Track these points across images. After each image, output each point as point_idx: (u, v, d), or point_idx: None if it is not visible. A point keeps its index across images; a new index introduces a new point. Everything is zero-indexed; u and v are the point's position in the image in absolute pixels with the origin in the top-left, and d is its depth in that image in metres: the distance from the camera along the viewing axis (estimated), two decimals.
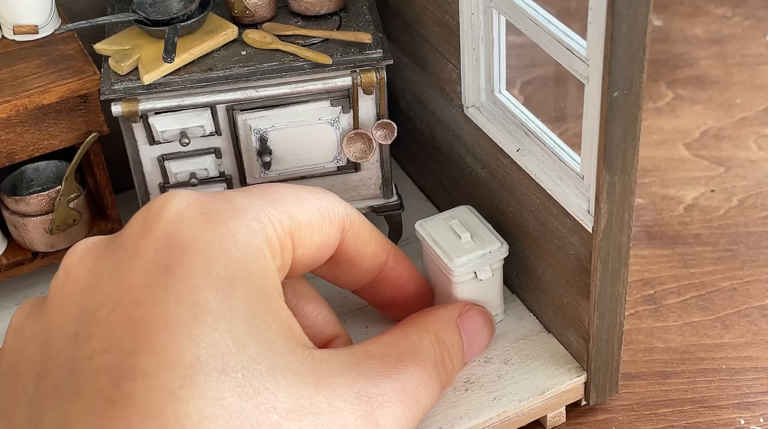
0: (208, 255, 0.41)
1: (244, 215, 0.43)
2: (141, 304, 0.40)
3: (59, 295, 0.42)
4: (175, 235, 0.42)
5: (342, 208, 0.48)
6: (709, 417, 0.56)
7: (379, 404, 0.44)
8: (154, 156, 0.57)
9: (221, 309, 0.40)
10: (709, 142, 0.76)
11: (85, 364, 0.39)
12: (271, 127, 0.57)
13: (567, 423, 0.56)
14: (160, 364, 0.38)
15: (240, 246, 0.42)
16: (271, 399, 0.40)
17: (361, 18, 0.58)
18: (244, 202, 0.44)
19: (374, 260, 0.51)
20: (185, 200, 0.43)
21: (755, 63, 0.84)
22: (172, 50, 0.54)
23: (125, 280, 0.41)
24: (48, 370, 0.40)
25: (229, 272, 0.41)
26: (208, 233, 0.42)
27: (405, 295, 0.54)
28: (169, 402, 0.37)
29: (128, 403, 0.37)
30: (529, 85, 0.80)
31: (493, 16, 0.52)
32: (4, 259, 0.61)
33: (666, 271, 0.66)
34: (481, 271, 0.55)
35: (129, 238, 0.42)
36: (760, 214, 0.70)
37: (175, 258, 0.41)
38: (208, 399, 0.38)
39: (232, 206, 0.43)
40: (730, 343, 0.61)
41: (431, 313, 0.51)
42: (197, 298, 0.40)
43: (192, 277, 0.40)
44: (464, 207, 0.58)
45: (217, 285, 0.40)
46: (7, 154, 0.57)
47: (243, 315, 0.40)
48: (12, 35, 0.59)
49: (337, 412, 0.42)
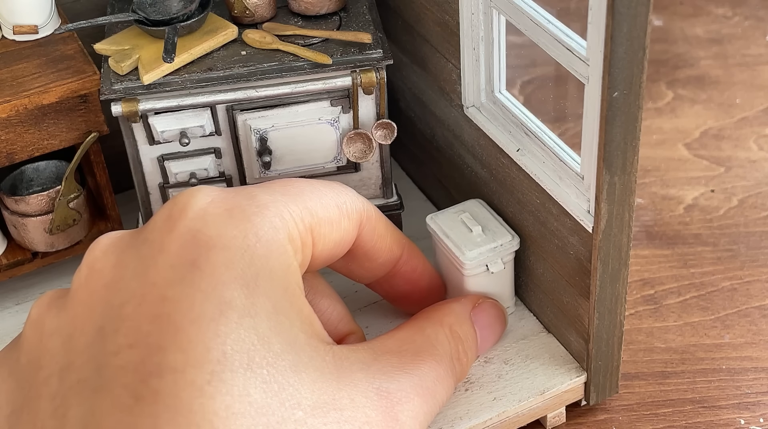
0: (232, 251, 0.41)
1: (267, 211, 0.43)
2: (167, 300, 0.40)
3: (83, 289, 0.42)
4: (200, 231, 0.42)
5: (359, 203, 0.48)
6: (709, 417, 0.56)
7: (398, 400, 0.44)
8: (154, 156, 0.57)
9: (246, 305, 0.40)
10: (709, 142, 0.76)
11: (112, 359, 0.39)
12: (271, 127, 0.57)
13: (567, 423, 0.56)
14: (187, 360, 0.38)
15: (263, 242, 0.42)
16: (296, 395, 0.40)
17: (361, 18, 0.58)
18: (266, 198, 0.44)
19: (389, 254, 0.51)
20: (209, 196, 0.44)
21: (755, 63, 0.84)
22: (171, 50, 0.54)
23: (150, 276, 0.41)
24: (73, 364, 0.40)
25: (253, 269, 0.41)
26: (232, 229, 0.42)
27: (418, 289, 0.54)
28: (197, 398, 0.38)
29: (156, 399, 0.38)
30: (529, 85, 0.80)
31: (493, 16, 0.52)
32: (4, 259, 0.61)
33: (666, 271, 0.66)
34: (493, 264, 0.55)
35: (154, 234, 0.43)
36: (760, 214, 0.70)
37: (200, 254, 0.41)
38: (235, 395, 0.38)
39: (255, 202, 0.43)
40: (730, 343, 0.61)
41: (445, 307, 0.52)
42: (222, 294, 0.40)
43: (217, 274, 0.40)
44: (475, 200, 0.58)
45: (242, 281, 0.41)
46: (7, 154, 0.57)
47: (267, 311, 0.41)
48: (12, 35, 0.59)
49: (359, 408, 0.42)
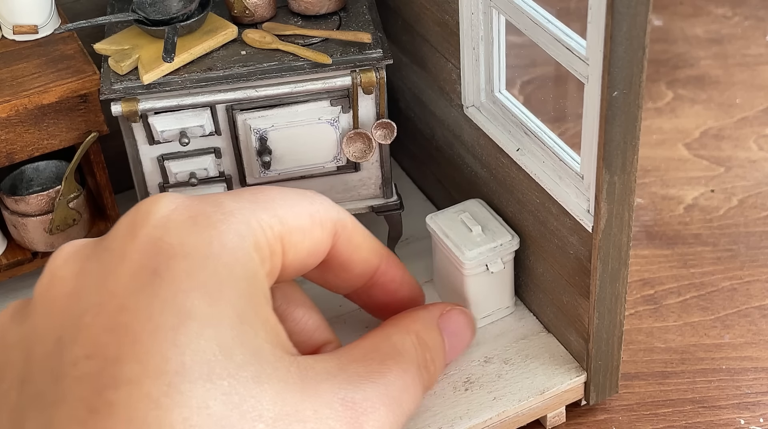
0: (195, 259, 0.40)
1: (233, 219, 0.42)
2: (126, 309, 0.39)
3: (43, 298, 0.41)
4: (162, 238, 0.41)
5: (334, 212, 0.47)
6: (709, 417, 0.56)
7: (364, 410, 0.43)
8: (153, 156, 0.57)
9: (207, 315, 0.39)
10: (709, 142, 0.76)
11: (69, 370, 0.38)
12: (271, 127, 0.57)
13: (567, 423, 0.56)
14: (143, 371, 0.37)
15: (228, 250, 0.41)
16: (257, 407, 0.39)
17: (361, 18, 0.58)
18: (233, 205, 0.43)
19: (366, 265, 0.50)
20: (173, 203, 0.43)
21: (755, 63, 0.84)
22: (171, 50, 0.54)
23: (110, 285, 0.40)
24: (31, 376, 0.39)
25: (217, 277, 0.40)
26: (195, 237, 0.41)
27: (398, 299, 0.53)
28: (152, 410, 0.37)
29: (111, 412, 0.37)
30: (529, 85, 0.80)
31: (492, 16, 0.52)
32: (3, 259, 0.61)
33: (666, 271, 0.66)
34: (493, 263, 0.55)
35: (115, 242, 0.42)
36: (760, 214, 0.70)
37: (162, 262, 0.40)
38: (193, 407, 0.37)
39: (221, 209, 0.42)
40: (730, 343, 0.61)
41: (413, 314, 0.51)
42: (183, 303, 0.39)
43: (178, 282, 0.39)
44: (474, 200, 0.58)
45: (204, 290, 0.40)
46: (7, 154, 0.57)
47: (230, 321, 0.40)
48: (12, 35, 0.59)
49: (323, 420, 0.41)
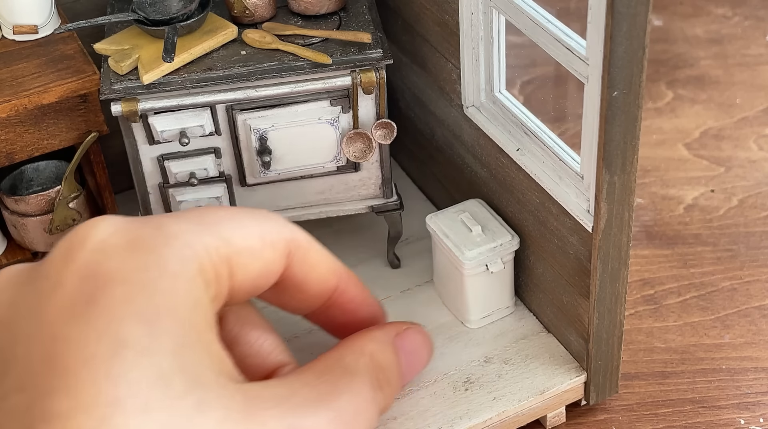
0: (132, 285, 0.38)
1: (175, 242, 0.40)
2: (59, 339, 0.37)
3: None
4: (99, 263, 0.39)
5: (287, 231, 0.45)
6: (709, 417, 0.56)
7: None
8: (153, 156, 0.57)
9: (144, 344, 0.37)
10: (709, 142, 0.76)
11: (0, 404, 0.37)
12: (271, 127, 0.57)
13: (567, 423, 0.56)
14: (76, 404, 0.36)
15: (169, 275, 0.39)
16: None
17: (361, 18, 0.58)
18: (176, 227, 0.41)
19: (323, 285, 0.48)
20: (112, 226, 0.41)
21: (755, 63, 0.84)
22: (171, 50, 0.54)
23: (44, 314, 0.38)
24: None
25: (155, 303, 0.38)
26: (133, 262, 0.39)
27: (357, 319, 0.51)
28: None
29: None
30: (529, 85, 0.80)
31: (492, 16, 0.52)
32: (4, 259, 0.61)
33: (666, 271, 0.66)
34: (493, 263, 0.55)
35: (51, 267, 0.40)
36: (760, 214, 0.70)
37: (98, 289, 0.38)
38: None
39: (163, 232, 0.41)
40: (730, 343, 0.61)
41: (367, 335, 0.49)
42: (118, 332, 0.37)
43: (114, 310, 0.38)
44: (474, 200, 0.58)
45: (141, 317, 0.38)
46: (7, 154, 0.57)
47: (169, 349, 0.38)
48: (12, 35, 0.59)
49: None
